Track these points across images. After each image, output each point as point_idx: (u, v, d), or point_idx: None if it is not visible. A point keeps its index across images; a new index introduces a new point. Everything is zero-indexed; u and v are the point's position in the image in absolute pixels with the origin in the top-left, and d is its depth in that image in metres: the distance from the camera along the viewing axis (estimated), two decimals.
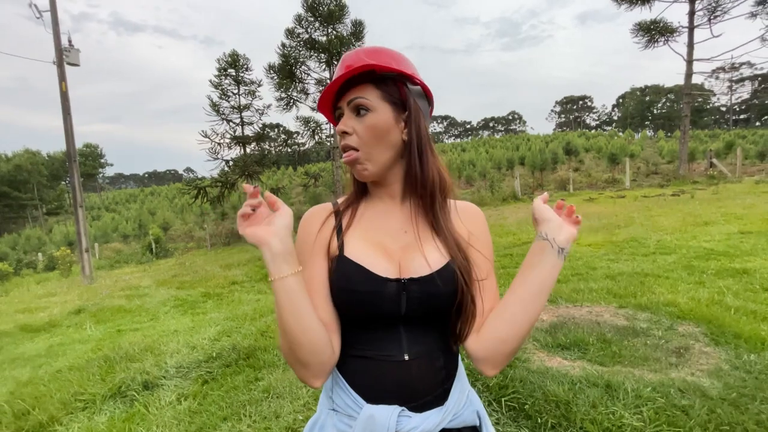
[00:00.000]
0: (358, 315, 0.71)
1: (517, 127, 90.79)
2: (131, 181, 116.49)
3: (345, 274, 0.70)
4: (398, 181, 0.77)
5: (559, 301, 3.70)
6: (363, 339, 0.72)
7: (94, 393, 2.80)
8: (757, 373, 2.16)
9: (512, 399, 2.11)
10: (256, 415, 2.32)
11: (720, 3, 15.35)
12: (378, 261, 0.71)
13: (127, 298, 7.00)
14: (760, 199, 8.53)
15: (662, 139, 32.67)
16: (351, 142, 0.72)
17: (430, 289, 0.69)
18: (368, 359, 0.71)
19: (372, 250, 0.72)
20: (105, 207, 41.27)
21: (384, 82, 0.72)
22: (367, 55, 0.72)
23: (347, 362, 0.73)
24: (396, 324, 0.71)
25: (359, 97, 0.71)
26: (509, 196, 15.61)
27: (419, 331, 0.72)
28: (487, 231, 0.80)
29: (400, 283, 0.69)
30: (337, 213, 0.78)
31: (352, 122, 0.72)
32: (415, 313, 0.70)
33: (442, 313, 0.72)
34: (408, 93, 0.73)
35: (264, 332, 3.75)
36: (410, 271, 0.70)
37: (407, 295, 0.69)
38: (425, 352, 0.71)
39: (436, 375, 0.72)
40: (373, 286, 0.68)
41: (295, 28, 15.01)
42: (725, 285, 3.67)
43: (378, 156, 0.73)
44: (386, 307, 0.69)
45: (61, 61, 10.41)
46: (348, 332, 0.74)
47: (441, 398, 0.71)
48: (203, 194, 15.57)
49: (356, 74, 0.71)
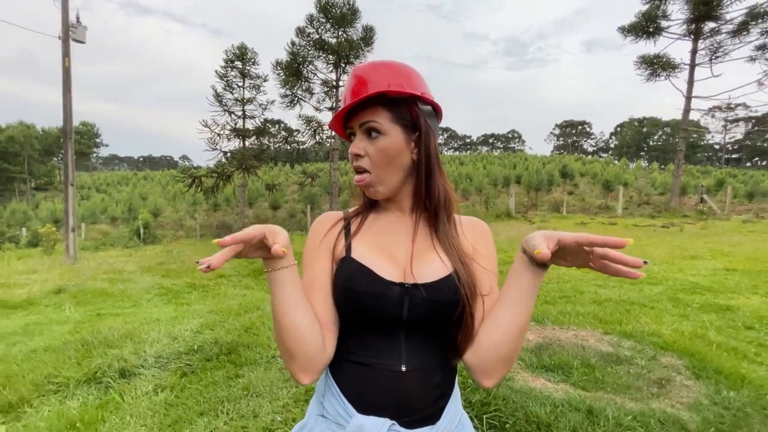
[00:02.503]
0: (360, 316, 0.71)
1: (515, 146, 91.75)
2: (125, 163, 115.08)
3: (349, 274, 0.71)
4: (408, 197, 0.79)
5: (546, 322, 3.71)
6: (361, 344, 0.72)
7: (69, 376, 2.74)
8: (735, 410, 2.19)
9: (494, 417, 2.10)
10: (233, 413, 2.28)
11: (722, 44, 15.78)
12: (383, 264, 0.72)
13: (110, 281, 6.88)
14: (746, 239, 8.70)
15: (656, 170, 33.26)
16: (363, 164, 0.74)
17: (433, 296, 0.69)
18: (364, 366, 0.70)
19: (378, 255, 0.74)
20: (96, 187, 40.64)
21: (396, 105, 0.73)
22: (379, 72, 0.72)
23: (342, 368, 0.73)
24: (397, 331, 0.71)
25: (371, 121, 0.72)
26: (503, 214, 15.72)
27: (420, 342, 0.72)
28: (492, 246, 0.81)
29: (403, 287, 0.70)
30: (347, 220, 0.81)
31: (364, 144, 0.74)
32: (417, 320, 0.70)
33: (444, 322, 0.72)
34: (419, 113, 0.74)
35: (248, 328, 3.70)
36: (415, 277, 0.71)
37: (410, 300, 0.69)
38: (423, 366, 0.71)
39: (432, 392, 0.71)
40: (377, 288, 0.69)
41: (306, 27, 15.09)
42: (708, 320, 3.72)
43: (389, 177, 0.75)
44: (388, 310, 0.69)
45: (67, 36, 10.31)
46: (347, 336, 0.74)
47: (434, 417, 0.71)
48: (198, 183, 15.45)
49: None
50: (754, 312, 3.88)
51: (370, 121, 0.72)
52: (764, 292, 4.62)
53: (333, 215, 0.82)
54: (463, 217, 0.83)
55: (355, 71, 0.75)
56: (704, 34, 16.24)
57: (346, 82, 0.77)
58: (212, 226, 18.68)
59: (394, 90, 0.71)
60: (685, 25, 16.27)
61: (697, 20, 15.72)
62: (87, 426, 2.20)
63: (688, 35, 16.53)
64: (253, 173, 17.05)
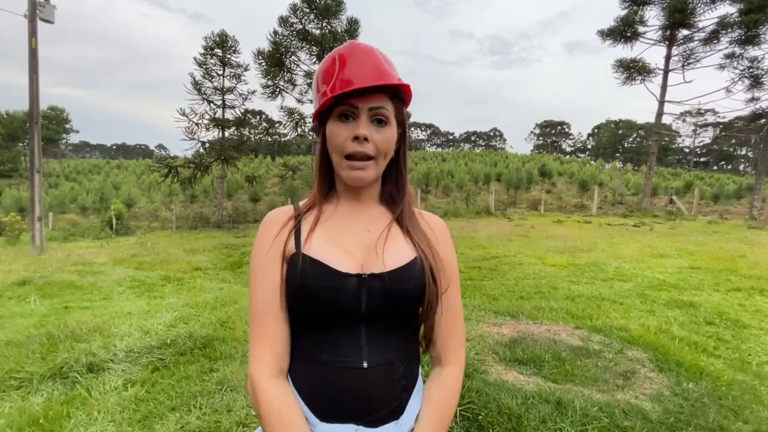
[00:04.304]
0: (315, 313, 0.68)
1: (497, 144, 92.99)
2: (97, 151, 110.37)
3: (301, 271, 0.67)
4: (375, 188, 0.78)
5: (521, 317, 3.80)
6: (319, 341, 0.69)
7: (32, 372, 2.63)
8: (694, 401, 2.31)
9: (467, 409, 2.15)
10: (207, 408, 2.24)
11: (694, 52, 16.40)
12: (337, 256, 0.69)
13: (79, 273, 6.62)
14: (710, 238, 9.14)
15: (629, 171, 34.44)
16: (369, 150, 0.70)
17: (393, 285, 0.68)
18: (324, 365, 0.68)
19: (331, 247, 0.71)
20: (65, 175, 38.84)
21: (397, 99, 0.74)
22: (388, 62, 0.72)
23: (301, 369, 0.70)
24: (356, 325, 0.68)
25: (384, 108, 0.70)
26: (483, 210, 15.96)
27: (381, 336, 0.70)
28: (452, 246, 0.82)
29: (360, 279, 0.67)
30: (298, 215, 0.76)
31: (370, 131, 0.70)
32: (377, 311, 0.68)
33: (407, 313, 0.71)
34: (404, 113, 0.76)
35: (224, 322, 3.65)
36: (372, 267, 0.69)
37: (368, 292, 0.67)
38: (386, 361, 0.69)
39: (395, 386, 0.70)
40: (331, 282, 0.67)
41: (289, 17, 14.79)
42: (673, 315, 3.90)
43: (381, 167, 0.75)
44: (345, 303, 0.67)
45: (33, 15, 9.77)
46: (302, 333, 0.71)
47: (397, 411, 0.70)
48: (174, 174, 15.00)
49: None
50: (715, 308, 4.08)
51: (383, 108, 0.70)
52: (725, 289, 4.87)
53: (282, 213, 0.76)
54: (423, 212, 0.84)
55: (368, 48, 0.71)
56: (678, 40, 16.83)
57: (345, 52, 0.70)
58: (189, 217, 18.18)
59: (407, 87, 0.73)
60: (661, 32, 16.80)
61: (672, 27, 16.26)
62: (51, 422, 2.12)
63: (663, 41, 17.09)
64: (232, 165, 16.66)
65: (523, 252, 7.45)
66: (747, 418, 2.15)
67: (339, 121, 0.70)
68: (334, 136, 0.70)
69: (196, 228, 16.36)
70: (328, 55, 0.73)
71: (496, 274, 5.84)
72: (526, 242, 8.62)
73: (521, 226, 11.57)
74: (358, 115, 0.69)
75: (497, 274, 5.84)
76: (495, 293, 4.72)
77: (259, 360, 0.68)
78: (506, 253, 7.33)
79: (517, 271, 5.98)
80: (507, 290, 4.88)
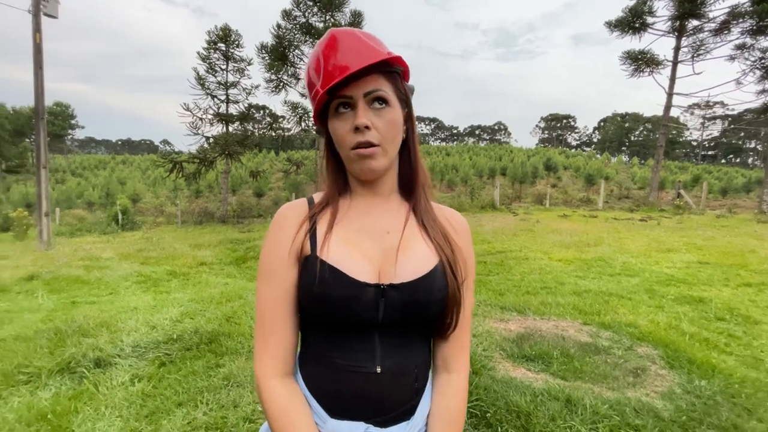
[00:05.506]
0: (331, 320, 0.66)
1: (501, 138, 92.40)
2: (102, 146, 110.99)
3: (318, 277, 0.64)
4: (391, 178, 0.74)
5: (527, 312, 3.77)
6: (333, 345, 0.67)
7: (40, 366, 2.64)
8: (706, 399, 2.27)
9: (475, 406, 2.13)
10: (213, 403, 2.24)
11: (704, 42, 16.10)
12: (355, 263, 0.66)
13: (85, 268, 6.66)
14: (719, 233, 9.02)
15: (636, 165, 34.06)
16: (372, 138, 0.65)
17: (411, 297, 0.65)
18: (337, 368, 0.66)
19: (349, 252, 0.67)
20: (71, 171, 39.10)
21: (392, 76, 0.69)
22: (371, 39, 0.67)
23: (314, 369, 0.69)
24: (371, 332, 0.66)
25: (380, 90, 0.65)
26: (488, 205, 15.87)
27: (395, 342, 0.68)
28: (472, 246, 0.78)
29: (378, 289, 0.65)
30: (313, 215, 0.72)
31: (370, 116, 0.65)
32: (393, 321, 0.66)
33: (423, 322, 0.69)
34: (407, 88, 0.71)
35: (230, 318, 3.65)
36: (390, 276, 0.66)
37: (386, 302, 0.65)
38: (399, 366, 0.68)
39: (408, 390, 0.69)
40: (349, 291, 0.64)
41: (292, 10, 14.69)
42: (682, 311, 3.85)
43: (392, 153, 0.69)
44: (362, 313, 0.64)
45: (37, 10, 9.76)
46: (316, 336, 0.69)
47: (408, 413, 0.69)
48: (179, 169, 15.05)
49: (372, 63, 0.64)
50: (725, 304, 4.02)
51: (378, 89, 0.65)
52: (735, 284, 4.80)
53: (295, 209, 0.72)
54: (443, 207, 0.79)
55: (347, 32, 0.66)
56: (687, 31, 16.52)
57: (325, 45, 0.65)
58: (194, 212, 18.25)
59: (398, 58, 0.67)
60: (670, 22, 16.50)
61: (682, 17, 15.95)
62: (59, 417, 2.13)
63: (672, 32, 16.79)
64: (236, 159, 16.69)
65: (529, 247, 7.39)
66: (761, 417, 2.11)
67: (337, 115, 0.67)
68: (335, 132, 0.67)
69: (201, 223, 16.43)
70: (311, 52, 0.68)
71: (502, 269, 5.80)
72: (532, 237, 8.56)
73: (526, 220, 11.49)
74: (355, 105, 0.65)
75: (503, 269, 5.80)
76: (501, 288, 4.69)
77: (265, 362, 0.67)
78: (512, 248, 7.27)
79: (522, 266, 5.94)
80: (513, 285, 4.84)
